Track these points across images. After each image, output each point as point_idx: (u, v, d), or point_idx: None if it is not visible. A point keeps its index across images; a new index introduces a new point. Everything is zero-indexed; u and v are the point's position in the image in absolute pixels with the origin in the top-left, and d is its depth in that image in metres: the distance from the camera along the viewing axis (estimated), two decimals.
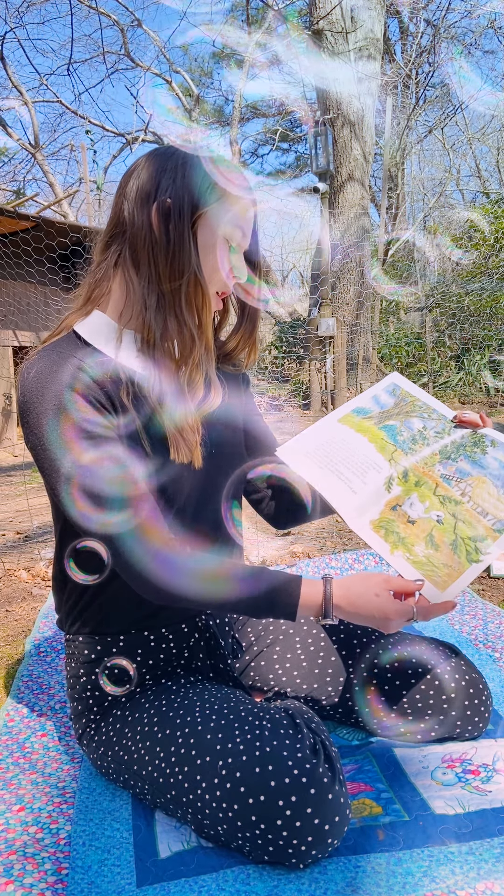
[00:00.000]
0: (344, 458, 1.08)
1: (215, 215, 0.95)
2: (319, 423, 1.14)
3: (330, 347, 5.83)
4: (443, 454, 1.07)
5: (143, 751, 0.96)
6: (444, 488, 1.03)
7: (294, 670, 1.16)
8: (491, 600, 1.84)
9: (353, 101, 6.28)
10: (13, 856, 0.90)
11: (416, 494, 1.03)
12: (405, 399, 1.17)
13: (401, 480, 1.05)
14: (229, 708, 0.93)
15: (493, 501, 1.01)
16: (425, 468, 1.05)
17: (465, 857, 0.85)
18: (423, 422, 1.12)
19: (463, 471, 1.04)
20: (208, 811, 0.86)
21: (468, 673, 1.09)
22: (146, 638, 1.06)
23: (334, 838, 0.83)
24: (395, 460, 1.07)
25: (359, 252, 6.55)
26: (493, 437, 1.08)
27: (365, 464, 1.07)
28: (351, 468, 1.07)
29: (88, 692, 1.06)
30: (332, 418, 1.14)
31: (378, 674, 1.10)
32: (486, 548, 0.96)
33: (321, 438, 1.11)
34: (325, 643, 1.15)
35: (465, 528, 0.98)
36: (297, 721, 0.88)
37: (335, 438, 1.10)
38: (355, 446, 1.09)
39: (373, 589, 0.92)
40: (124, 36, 9.31)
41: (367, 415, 1.14)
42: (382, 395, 1.17)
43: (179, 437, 0.97)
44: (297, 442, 1.11)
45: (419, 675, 1.08)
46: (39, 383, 0.90)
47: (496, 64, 12.52)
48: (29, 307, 6.07)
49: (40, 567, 2.38)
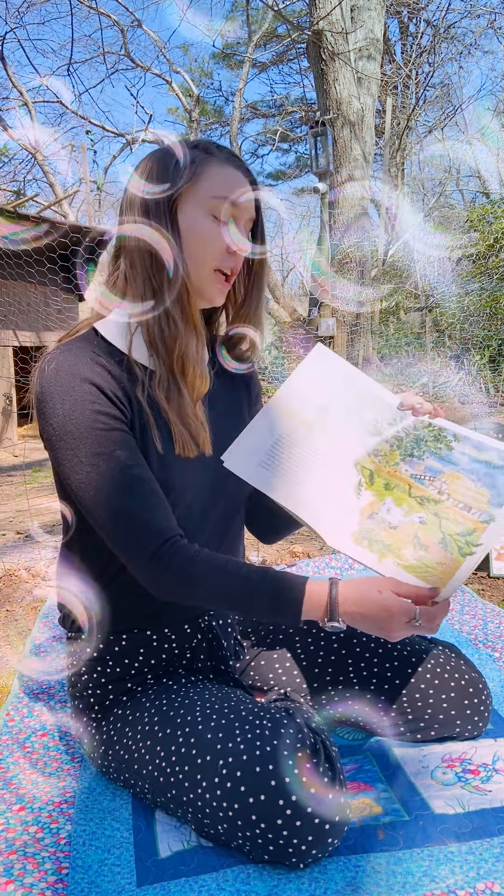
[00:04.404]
0: (305, 465, 0.99)
1: (192, 195, 0.96)
2: (259, 421, 1.01)
3: (330, 347, 5.83)
4: (403, 450, 1.01)
5: (144, 750, 0.96)
6: (419, 489, 0.98)
7: (294, 670, 1.16)
8: (491, 600, 1.84)
9: (352, 101, 6.28)
10: (13, 855, 0.90)
11: (391, 499, 0.98)
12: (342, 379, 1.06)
13: (368, 484, 0.99)
14: (230, 707, 0.93)
15: (472, 495, 0.97)
16: (390, 468, 1.00)
17: (465, 857, 0.85)
18: (372, 411, 1.03)
19: (433, 469, 0.99)
20: (208, 810, 0.86)
21: (468, 672, 1.09)
22: (148, 637, 1.06)
23: (334, 838, 0.83)
24: (359, 462, 1.00)
25: (359, 252, 6.55)
26: (455, 430, 1.02)
27: (329, 470, 0.99)
28: (315, 477, 0.98)
29: (89, 691, 1.06)
30: (273, 412, 1.01)
31: (378, 673, 1.10)
32: (477, 539, 0.94)
33: (268, 441, 0.99)
34: (326, 643, 1.15)
35: (450, 525, 0.96)
36: (298, 720, 0.88)
37: (287, 440, 0.99)
38: (312, 448, 1.00)
39: (377, 587, 0.90)
40: (124, 36, 9.32)
41: (309, 403, 1.03)
42: (317, 375, 1.05)
43: (183, 431, 0.98)
44: (243, 449, 0.99)
45: (419, 675, 1.08)
46: (59, 375, 0.93)
47: (496, 64, 12.53)
48: (29, 307, 6.06)
49: (40, 567, 2.38)
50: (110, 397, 0.93)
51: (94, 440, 0.91)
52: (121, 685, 1.06)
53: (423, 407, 1.02)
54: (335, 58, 6.11)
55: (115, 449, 0.92)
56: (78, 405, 0.91)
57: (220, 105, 13.87)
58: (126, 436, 0.94)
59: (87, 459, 0.91)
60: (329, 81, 6.21)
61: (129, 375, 0.97)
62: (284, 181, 15.60)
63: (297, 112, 11.78)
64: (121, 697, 1.05)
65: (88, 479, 0.92)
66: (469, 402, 6.74)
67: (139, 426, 0.97)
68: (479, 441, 1.00)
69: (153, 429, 0.97)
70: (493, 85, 16.85)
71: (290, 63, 11.72)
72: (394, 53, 10.97)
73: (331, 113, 6.29)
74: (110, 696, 1.06)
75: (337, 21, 6.05)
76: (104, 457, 0.91)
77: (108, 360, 0.96)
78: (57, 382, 0.92)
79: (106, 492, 0.91)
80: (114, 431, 0.93)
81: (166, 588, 0.93)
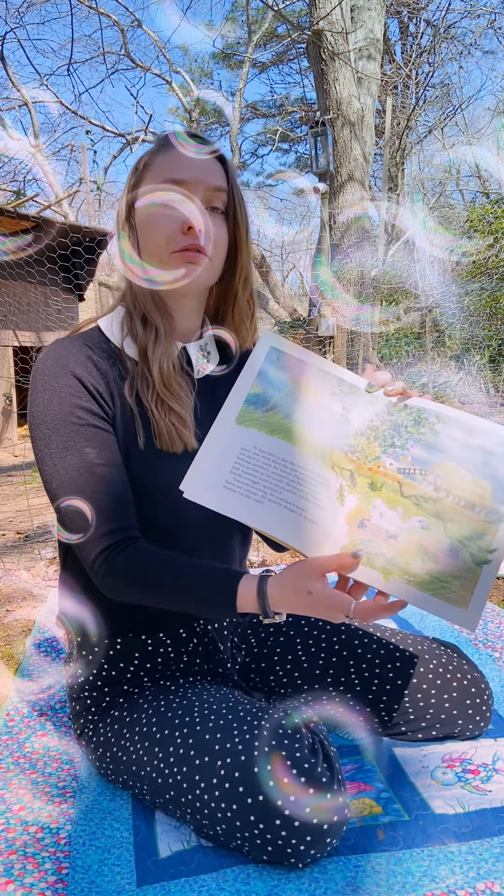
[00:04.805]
0: (276, 477, 0.85)
1: (143, 192, 0.97)
2: (214, 435, 0.86)
3: (330, 347, 5.83)
4: (382, 441, 0.88)
5: (142, 751, 0.95)
6: (411, 486, 0.86)
7: (295, 672, 1.15)
8: (491, 600, 1.84)
9: (352, 101, 6.28)
10: (13, 855, 0.90)
11: (381, 500, 0.85)
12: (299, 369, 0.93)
13: (350, 487, 0.86)
14: (228, 708, 0.92)
15: (472, 489, 0.85)
16: (371, 464, 0.87)
17: (465, 857, 0.85)
18: (339, 400, 0.90)
19: (422, 460, 0.87)
20: (207, 811, 0.86)
21: (470, 672, 1.09)
22: (143, 642, 1.05)
23: (333, 838, 0.83)
24: (336, 464, 0.87)
25: (359, 252, 6.55)
26: (437, 410, 0.90)
27: (307, 479, 0.85)
28: (294, 490, 0.84)
29: (86, 692, 1.06)
30: (228, 422, 0.87)
31: (380, 674, 1.10)
32: (489, 544, 0.83)
33: (229, 456, 0.85)
34: (326, 643, 1.15)
35: (455, 529, 0.84)
36: (296, 720, 0.88)
37: (249, 452, 0.86)
38: (281, 456, 0.86)
39: (306, 585, 0.83)
40: (124, 36, 9.31)
41: (267, 404, 0.88)
42: (270, 369, 0.90)
43: (161, 425, 0.97)
44: (201, 472, 0.85)
45: (421, 676, 1.08)
46: (45, 366, 0.95)
47: (496, 64, 12.52)
48: (29, 307, 6.06)
49: (40, 567, 2.38)
50: (91, 391, 0.94)
51: (65, 433, 0.93)
52: (117, 688, 1.06)
53: (396, 385, 0.91)
54: (335, 58, 6.11)
55: (84, 445, 0.93)
56: (56, 396, 0.93)
57: (220, 105, 13.87)
58: (100, 433, 0.94)
59: (57, 452, 0.93)
60: (329, 81, 6.21)
61: (122, 370, 0.98)
62: (284, 181, 15.59)
63: (298, 112, 11.78)
64: (118, 699, 1.05)
65: (54, 471, 0.93)
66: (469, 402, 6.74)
67: (122, 422, 0.97)
68: (466, 422, 0.89)
69: (137, 425, 0.97)
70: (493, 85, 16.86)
71: (290, 63, 11.73)
72: (394, 53, 10.97)
73: (331, 113, 6.28)
74: (107, 699, 1.05)
75: (337, 21, 6.05)
76: (72, 451, 0.92)
77: (99, 354, 0.97)
78: (43, 373, 0.95)
79: (67, 487, 0.92)
80: (87, 427, 0.93)
81: (110, 590, 0.94)
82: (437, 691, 1.07)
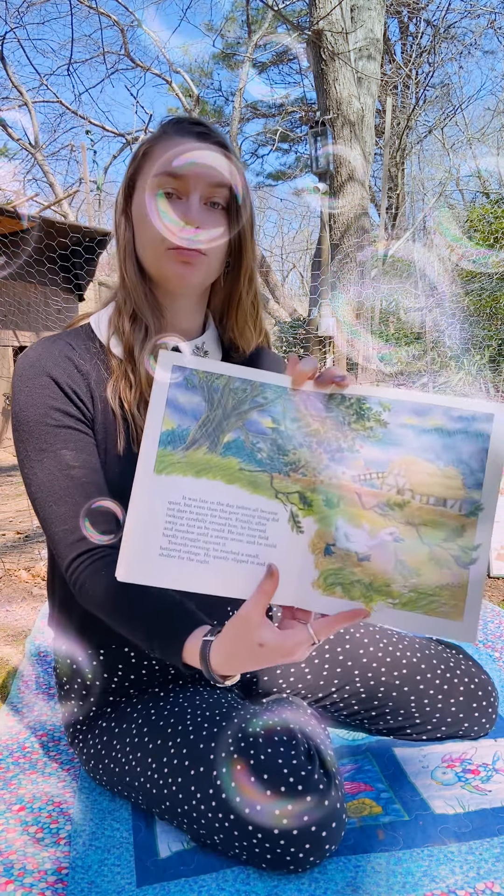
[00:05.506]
0: (217, 528, 0.74)
1: (141, 181, 0.93)
2: (136, 494, 0.74)
3: (330, 348, 5.83)
4: (328, 446, 0.76)
5: (135, 762, 0.93)
6: (371, 494, 0.74)
7: (299, 684, 1.13)
8: (491, 600, 1.84)
9: (352, 101, 6.27)
10: (13, 855, 0.90)
11: (342, 519, 0.74)
12: (213, 386, 0.77)
13: (305, 509, 0.75)
14: (221, 715, 0.91)
15: (440, 482, 0.73)
16: (320, 477, 0.75)
17: (465, 857, 0.85)
18: (266, 413, 0.77)
19: (376, 461, 0.74)
20: (204, 821, 0.85)
21: (477, 675, 1.08)
22: (126, 654, 1.02)
23: (331, 844, 0.82)
24: (280, 490, 0.75)
25: (359, 252, 6.55)
26: (379, 396, 0.75)
27: (249, 519, 0.74)
28: (239, 537, 0.74)
29: (72, 701, 1.04)
30: (147, 474, 0.74)
31: (386, 682, 1.08)
32: (472, 541, 0.73)
33: (158, 516, 0.73)
34: (331, 655, 1.12)
35: (431, 532, 0.73)
36: (292, 726, 0.86)
37: (178, 505, 0.74)
38: (215, 500, 0.74)
39: (253, 639, 0.73)
40: (124, 36, 9.30)
41: (185, 440, 0.75)
42: (178, 395, 0.76)
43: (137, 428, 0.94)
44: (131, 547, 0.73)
45: (428, 682, 1.07)
46: (24, 366, 0.93)
47: (496, 64, 12.53)
48: (29, 307, 6.06)
49: (40, 567, 2.38)
50: (67, 393, 0.92)
51: (41, 435, 0.91)
52: (102, 697, 1.03)
53: (325, 374, 0.76)
54: (335, 58, 6.11)
55: (61, 447, 0.91)
56: (32, 397, 0.91)
57: (220, 105, 13.86)
58: (77, 435, 0.92)
59: (34, 454, 0.91)
60: (329, 81, 6.21)
61: (106, 370, 0.95)
62: (284, 181, 15.59)
63: (297, 112, 11.77)
64: (104, 709, 1.02)
65: (31, 474, 0.92)
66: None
67: (103, 424, 0.94)
68: (414, 402, 0.75)
69: (118, 428, 0.94)
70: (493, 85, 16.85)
71: (290, 63, 11.72)
72: (394, 53, 10.96)
73: (331, 113, 6.28)
74: (93, 708, 1.03)
75: (337, 21, 6.05)
76: (49, 454, 0.90)
77: (82, 354, 0.94)
78: (20, 374, 0.93)
79: (44, 490, 0.90)
80: (64, 429, 0.91)
81: (81, 599, 0.90)
82: (443, 696, 1.06)
